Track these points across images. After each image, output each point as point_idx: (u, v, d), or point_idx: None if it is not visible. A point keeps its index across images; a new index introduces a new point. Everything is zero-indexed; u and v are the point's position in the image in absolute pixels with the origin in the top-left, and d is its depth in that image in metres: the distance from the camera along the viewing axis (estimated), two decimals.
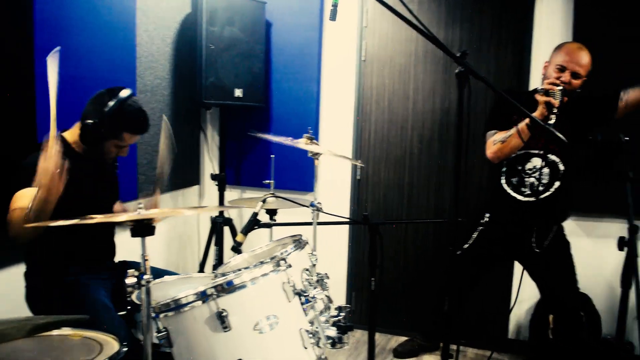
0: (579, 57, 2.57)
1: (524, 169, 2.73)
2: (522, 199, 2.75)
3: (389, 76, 3.56)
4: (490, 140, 2.72)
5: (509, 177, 2.78)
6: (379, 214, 3.66)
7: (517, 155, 2.71)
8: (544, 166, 2.67)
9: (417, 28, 1.76)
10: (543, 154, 2.67)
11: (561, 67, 2.56)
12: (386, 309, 3.69)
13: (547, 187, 2.72)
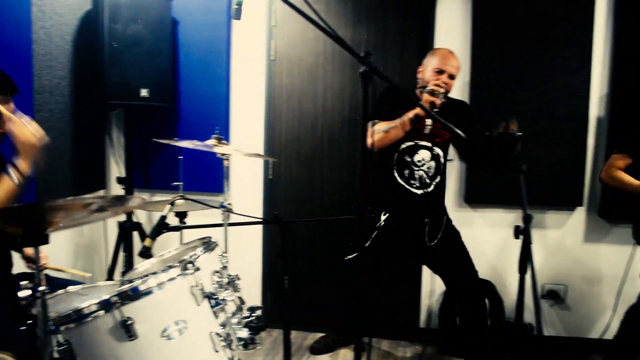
0: (452, 60, 2.86)
1: (413, 161, 2.90)
2: (413, 190, 2.92)
3: (298, 75, 3.58)
4: (373, 128, 2.81)
5: (401, 170, 2.93)
6: (291, 212, 3.68)
7: (407, 147, 2.89)
8: (430, 159, 2.90)
9: (322, 28, 1.78)
10: (430, 147, 2.88)
11: (439, 70, 2.81)
12: (302, 307, 3.71)
13: (431, 180, 2.93)
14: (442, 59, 2.85)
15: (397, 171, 2.94)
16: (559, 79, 3.32)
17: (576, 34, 3.29)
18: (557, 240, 3.54)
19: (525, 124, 3.28)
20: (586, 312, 3.58)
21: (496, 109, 3.33)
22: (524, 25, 3.32)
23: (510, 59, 3.34)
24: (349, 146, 3.59)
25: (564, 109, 3.33)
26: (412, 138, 2.87)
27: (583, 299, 3.57)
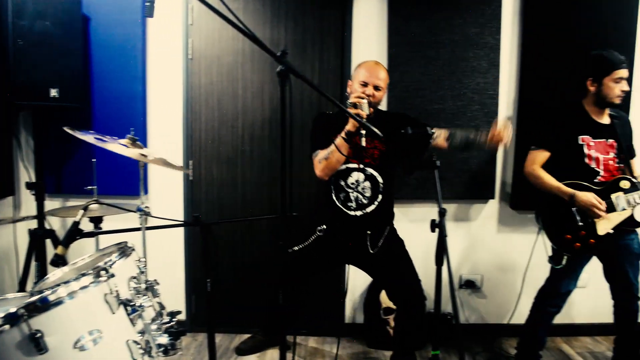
0: (377, 72, 2.87)
1: (347, 183, 2.92)
2: (350, 213, 2.92)
3: (217, 74, 3.54)
4: (316, 160, 2.86)
5: (337, 193, 2.95)
6: (214, 213, 3.63)
7: (339, 171, 2.89)
8: (364, 180, 2.90)
9: (237, 27, 1.77)
10: (362, 168, 2.89)
11: (364, 83, 2.83)
12: (227, 308, 3.68)
13: (371, 201, 2.92)
14: (367, 71, 2.87)
15: (335, 194, 2.96)
16: (471, 79, 3.47)
17: (485, 37, 3.45)
18: (473, 232, 3.71)
19: (441, 122, 3.44)
20: (501, 298, 3.77)
21: (413, 109, 3.44)
22: (437, 27, 3.44)
23: (425, 60, 3.46)
24: (270, 146, 3.58)
25: (476, 107, 3.49)
26: (344, 162, 2.86)
27: (497, 287, 3.76)
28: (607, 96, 2.96)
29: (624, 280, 3.14)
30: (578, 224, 2.98)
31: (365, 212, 2.91)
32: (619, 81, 2.94)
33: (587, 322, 3.86)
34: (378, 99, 2.87)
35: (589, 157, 3.00)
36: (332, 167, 2.79)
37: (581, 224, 2.97)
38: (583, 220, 2.97)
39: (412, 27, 3.42)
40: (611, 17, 3.47)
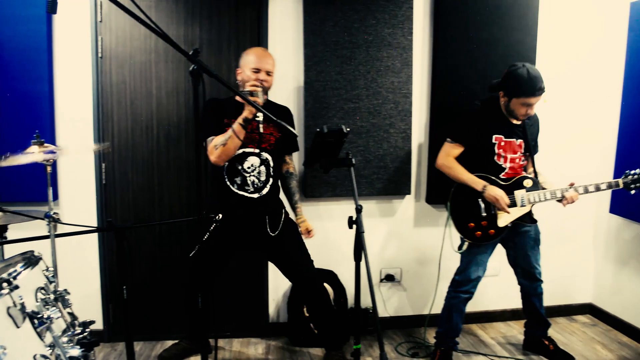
0: (267, 58, 2.99)
1: (244, 168, 2.97)
2: (248, 195, 2.99)
3: (129, 74, 3.41)
4: (211, 145, 2.88)
5: (232, 177, 2.99)
6: (130, 217, 3.50)
7: (236, 156, 2.94)
8: (259, 164, 2.99)
9: (147, 25, 1.71)
10: (258, 153, 2.97)
11: (256, 69, 2.92)
12: (148, 315, 3.57)
13: (265, 183, 3.03)
14: (257, 57, 2.95)
15: (229, 179, 2.99)
16: (385, 78, 3.56)
17: (398, 37, 3.55)
18: (392, 227, 3.81)
19: (357, 120, 3.51)
20: (420, 290, 3.90)
21: (329, 108, 3.49)
22: (352, 27, 3.49)
23: (341, 60, 3.50)
24: (187, 146, 3.50)
25: (391, 106, 3.58)
26: (240, 147, 2.91)
27: (416, 279, 3.89)
28: (513, 112, 3.11)
29: (526, 265, 3.36)
30: (482, 214, 3.15)
31: (262, 194, 3.01)
32: (526, 105, 3.03)
33: (500, 308, 4.07)
34: (269, 84, 2.99)
35: (499, 155, 3.17)
36: (229, 153, 2.84)
37: (484, 214, 3.14)
38: (486, 211, 3.14)
39: (327, 27, 3.46)
40: (516, 19, 3.66)
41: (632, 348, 3.71)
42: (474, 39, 3.60)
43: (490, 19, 3.61)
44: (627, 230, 3.91)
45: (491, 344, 3.72)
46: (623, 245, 3.96)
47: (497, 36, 3.63)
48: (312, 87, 3.48)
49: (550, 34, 3.82)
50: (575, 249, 4.18)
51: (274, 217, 3.08)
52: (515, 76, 3.01)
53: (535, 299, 3.45)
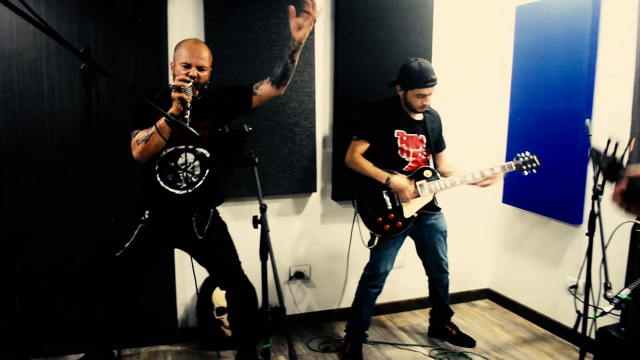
0: (199, 51, 2.74)
1: (177, 165, 2.79)
2: (179, 192, 2.81)
3: (17, 72, 3.18)
4: (134, 140, 2.71)
5: (164, 174, 2.80)
6: (22, 226, 3.26)
7: (168, 153, 2.77)
8: (194, 160, 2.81)
9: (32, 20, 1.62)
10: (192, 149, 2.79)
11: (186, 64, 2.70)
12: (49, 328, 3.36)
13: (199, 177, 2.85)
14: (188, 51, 2.73)
15: (160, 176, 2.80)
16: None
17: None
18: (299, 225, 3.85)
19: (261, 119, 3.51)
20: (329, 286, 3.97)
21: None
22: (255, 26, 3.48)
23: (244, 59, 3.48)
24: (83, 149, 3.32)
25: (295, 104, 3.62)
26: (172, 144, 2.75)
27: (325, 275, 3.96)
28: (411, 105, 3.27)
29: (434, 257, 3.52)
30: (388, 207, 3.26)
31: (194, 188, 2.84)
32: (421, 97, 3.22)
33: (406, 298, 4.23)
34: (204, 79, 2.77)
35: (402, 149, 3.30)
36: (151, 150, 2.66)
37: (390, 207, 3.26)
38: (392, 205, 3.26)
39: (229, 26, 3.43)
40: (412, 19, 3.82)
41: (527, 327, 3.99)
42: (374, 39, 3.71)
43: (388, 20, 3.74)
44: (518, 219, 4.20)
45: (399, 333, 3.86)
46: (515, 233, 4.24)
47: (396, 37, 3.76)
48: (215, 86, 3.41)
49: (445, 36, 4.03)
50: (473, 238, 4.43)
51: (201, 219, 2.91)
52: (409, 69, 3.20)
53: (441, 289, 3.63)
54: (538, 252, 4.02)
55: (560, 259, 3.80)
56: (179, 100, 2.51)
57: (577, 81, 3.53)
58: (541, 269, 3.98)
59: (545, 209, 3.85)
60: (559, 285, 3.80)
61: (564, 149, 3.62)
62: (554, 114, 3.71)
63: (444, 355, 3.50)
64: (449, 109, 4.07)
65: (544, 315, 3.96)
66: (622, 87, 3.31)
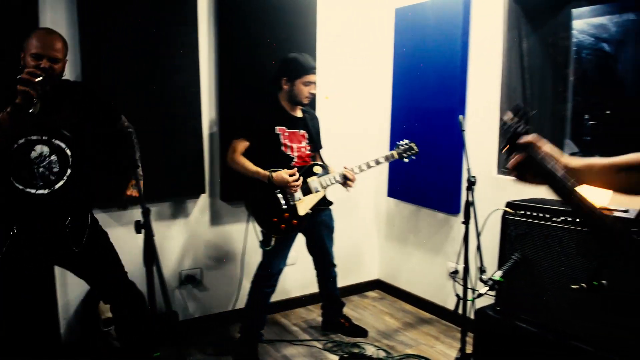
0: (52, 42, 2.51)
1: (31, 159, 2.51)
2: (34, 192, 2.53)
3: None
4: None
5: (18, 171, 2.52)
6: None
7: (19, 146, 2.49)
8: (50, 153, 2.55)
9: None
10: (47, 140, 2.54)
11: (37, 55, 2.46)
12: None
13: (59, 176, 2.59)
14: (39, 41, 2.47)
15: (14, 175, 2.50)
16: (173, 77, 3.47)
17: (183, 35, 3.48)
18: (189, 228, 3.75)
19: (145, 119, 3.36)
20: (223, 288, 3.91)
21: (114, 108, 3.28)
22: (137, 25, 3.31)
23: (124, 58, 3.30)
24: None
25: (180, 104, 3.51)
26: (22, 135, 2.47)
27: (218, 277, 3.89)
28: (297, 96, 3.32)
29: (322, 251, 3.60)
30: (282, 207, 3.27)
31: (54, 188, 2.56)
32: (308, 84, 3.30)
33: (299, 295, 4.28)
34: (57, 71, 2.52)
35: (285, 145, 3.33)
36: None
37: (285, 207, 3.27)
38: (286, 204, 3.28)
39: (108, 26, 3.23)
40: (296, 20, 3.86)
41: (414, 314, 4.20)
42: (258, 38, 3.71)
43: (272, 19, 3.75)
44: (402, 211, 4.40)
45: (294, 330, 3.90)
46: (401, 225, 4.44)
47: (281, 36, 3.78)
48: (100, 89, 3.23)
49: (328, 36, 4.12)
50: (361, 232, 4.58)
51: (77, 229, 2.66)
52: (292, 60, 3.31)
53: (330, 282, 3.72)
54: (422, 241, 4.24)
55: (442, 247, 4.04)
56: (22, 93, 2.26)
57: (451, 80, 3.76)
58: (426, 258, 4.21)
59: (426, 200, 4.08)
60: (442, 271, 4.03)
61: (441, 143, 3.85)
62: (431, 111, 3.93)
63: (337, 347, 3.59)
64: (335, 107, 4.17)
65: (430, 300, 4.19)
66: (491, 85, 3.58)
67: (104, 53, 3.25)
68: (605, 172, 1.43)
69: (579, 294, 2.17)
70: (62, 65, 2.56)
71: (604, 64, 3.79)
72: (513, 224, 2.62)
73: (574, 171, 1.45)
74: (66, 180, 2.59)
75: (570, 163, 1.47)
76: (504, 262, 2.59)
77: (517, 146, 1.50)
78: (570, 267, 2.38)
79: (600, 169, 1.44)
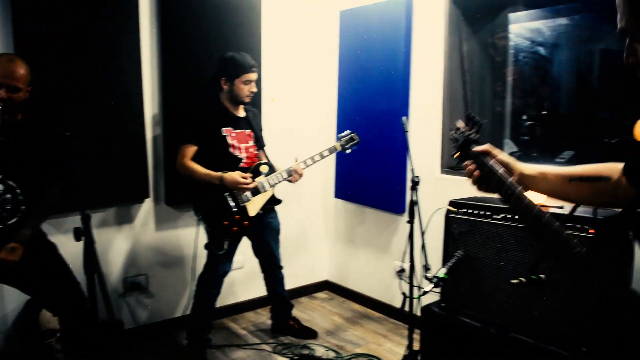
0: (12, 70, 2.47)
1: None
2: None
3: None
4: None
5: None
6: None
7: None
8: (5, 191, 2.51)
9: None
10: (2, 178, 2.50)
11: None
12: None
13: (12, 213, 2.54)
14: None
15: None
16: (115, 78, 3.37)
17: (123, 35, 3.39)
18: (134, 234, 3.65)
19: (86, 124, 3.25)
20: (170, 294, 3.84)
21: (51, 112, 3.15)
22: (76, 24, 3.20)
23: (62, 60, 3.17)
24: None
25: (122, 107, 3.42)
26: None
27: (165, 283, 3.81)
28: (238, 96, 3.29)
29: (269, 254, 3.59)
30: (232, 209, 3.24)
31: (7, 224, 2.52)
32: (248, 83, 3.28)
33: (248, 298, 4.25)
34: (17, 101, 2.47)
35: (233, 146, 3.30)
36: None
37: (235, 209, 3.25)
38: (236, 206, 3.25)
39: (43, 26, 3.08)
40: (240, 21, 3.83)
41: (362, 313, 4.24)
42: (202, 39, 3.65)
43: (216, 20, 3.71)
44: (350, 212, 4.44)
45: (243, 334, 3.86)
46: (349, 225, 4.48)
47: (224, 37, 3.74)
48: (31, 95, 3.08)
49: (273, 37, 4.11)
50: (309, 233, 4.60)
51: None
52: (231, 59, 3.27)
53: (277, 284, 3.71)
54: (369, 241, 4.29)
55: (388, 246, 4.10)
56: None
57: (394, 81, 3.82)
58: (373, 257, 4.26)
59: (372, 201, 4.13)
60: (390, 270, 4.09)
61: (386, 144, 3.91)
62: (376, 112, 3.98)
63: (287, 350, 3.58)
64: (281, 107, 4.17)
65: (378, 300, 4.25)
66: (434, 87, 3.66)
67: (40, 54, 3.10)
68: (558, 181, 1.46)
69: (519, 288, 2.25)
70: (24, 94, 2.49)
71: (539, 66, 3.96)
72: (456, 222, 2.69)
73: (528, 178, 1.47)
74: (19, 217, 2.54)
75: (524, 171, 1.49)
76: (447, 260, 2.65)
77: (468, 154, 1.53)
78: (510, 262, 2.47)
79: (553, 177, 1.46)
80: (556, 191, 1.47)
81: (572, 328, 2.24)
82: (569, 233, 1.24)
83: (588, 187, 1.41)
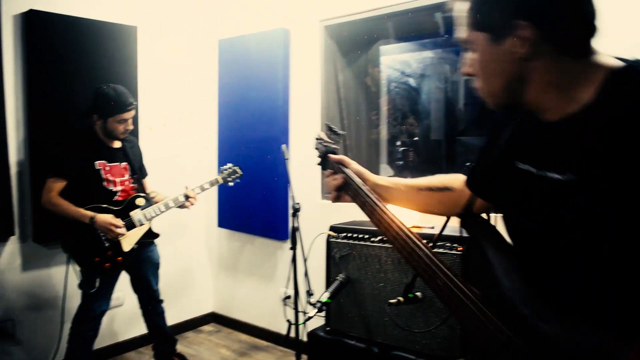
0: None
1: None
2: None
3: None
4: None
5: None
6: None
7: None
8: None
9: None
10: None
11: None
12: None
13: None
14: None
15: None
16: None
17: None
18: None
19: None
20: (41, 338, 3.52)
21: None
22: None
23: None
24: None
25: None
26: None
27: (35, 328, 3.50)
28: (113, 132, 3.15)
29: (147, 289, 3.45)
30: (104, 245, 3.08)
31: None
32: (123, 122, 3.14)
33: (129, 337, 4.03)
34: None
35: (107, 180, 3.15)
36: None
37: (107, 244, 3.08)
38: (108, 241, 3.08)
39: None
40: (116, 48, 3.70)
41: (250, 343, 4.19)
42: (74, 68, 3.48)
43: (89, 48, 3.55)
44: (234, 240, 4.40)
45: None
46: (233, 254, 4.43)
47: (99, 66, 3.59)
48: None
49: (151, 66, 4.01)
50: (192, 264, 4.48)
51: None
52: (104, 96, 3.09)
53: (158, 319, 3.55)
54: (254, 270, 4.26)
55: (273, 273, 4.10)
56: None
57: (274, 110, 3.89)
58: (259, 286, 4.23)
59: (256, 229, 4.12)
60: (275, 298, 4.09)
61: (267, 172, 3.94)
62: (257, 141, 4.01)
63: None
64: (161, 138, 4.06)
65: (266, 328, 4.22)
66: (312, 115, 3.77)
67: None
68: (409, 190, 1.56)
69: (397, 307, 2.36)
70: None
71: (409, 95, 4.23)
72: (336, 246, 2.76)
73: (381, 188, 1.56)
74: None
75: (378, 181, 1.59)
76: (330, 284, 2.70)
77: (328, 163, 1.62)
78: (389, 282, 2.57)
79: (404, 187, 1.57)
80: (407, 200, 1.57)
81: (448, 341, 2.37)
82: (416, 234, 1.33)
83: (435, 196, 1.51)
